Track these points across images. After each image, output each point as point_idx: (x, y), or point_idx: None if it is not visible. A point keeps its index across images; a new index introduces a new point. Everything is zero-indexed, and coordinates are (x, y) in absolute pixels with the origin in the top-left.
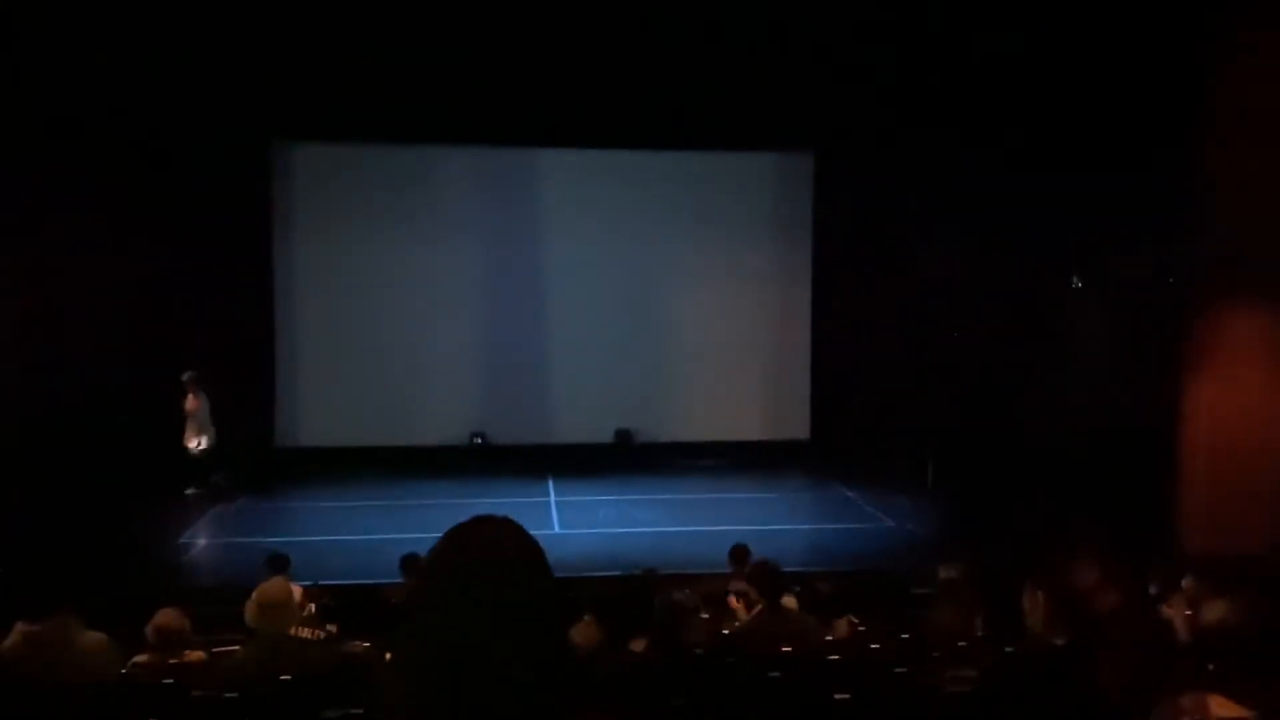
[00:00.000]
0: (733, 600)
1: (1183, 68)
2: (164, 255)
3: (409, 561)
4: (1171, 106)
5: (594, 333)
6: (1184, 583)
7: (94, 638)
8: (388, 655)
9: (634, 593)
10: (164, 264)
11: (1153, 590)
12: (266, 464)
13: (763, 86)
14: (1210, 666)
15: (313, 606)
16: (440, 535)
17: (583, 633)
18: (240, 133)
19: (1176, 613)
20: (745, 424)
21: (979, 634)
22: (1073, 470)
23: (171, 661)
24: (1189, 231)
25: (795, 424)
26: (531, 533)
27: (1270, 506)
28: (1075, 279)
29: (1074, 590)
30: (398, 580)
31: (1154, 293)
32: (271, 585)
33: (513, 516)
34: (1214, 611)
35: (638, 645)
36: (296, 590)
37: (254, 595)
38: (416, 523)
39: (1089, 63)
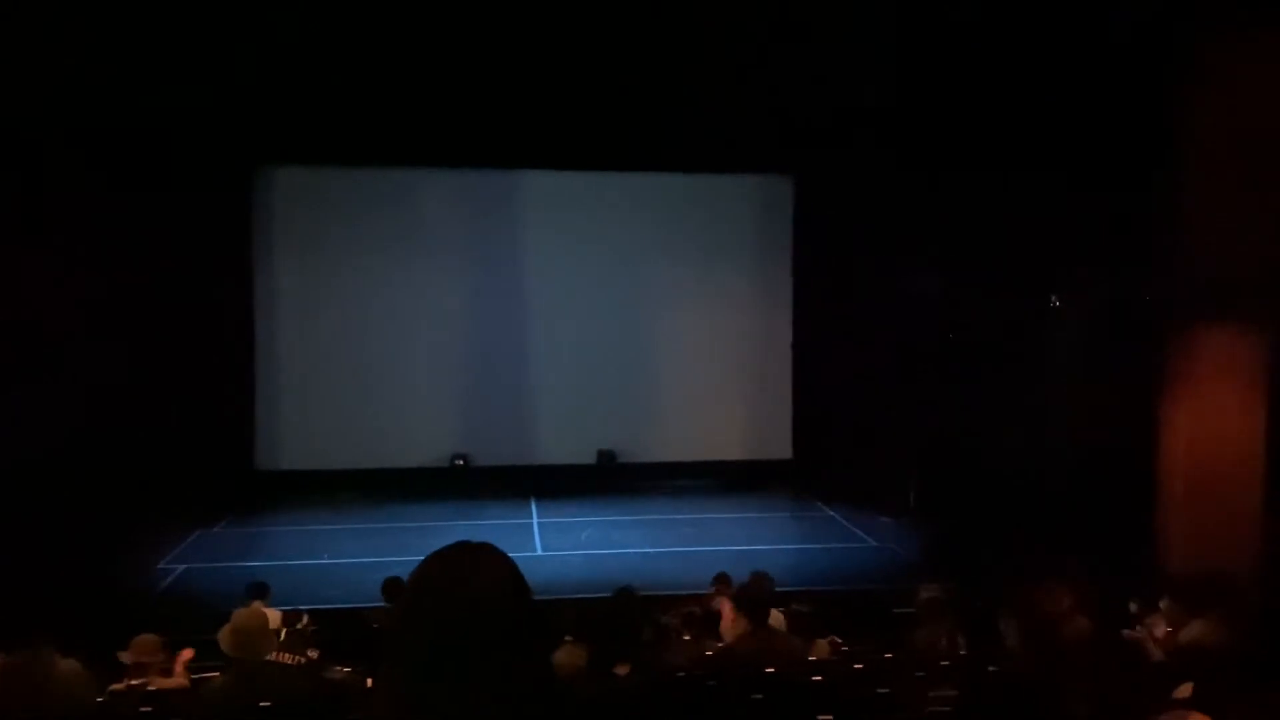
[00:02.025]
0: (727, 610)
1: (1158, 89)
2: (144, 277)
3: (391, 585)
4: (1147, 127)
5: (576, 354)
6: (1162, 603)
7: (70, 666)
8: (369, 681)
9: (617, 615)
10: (144, 286)
11: (1132, 608)
12: (247, 487)
13: (743, 109)
14: (1188, 687)
15: (284, 631)
16: (422, 559)
17: (566, 656)
18: (221, 156)
19: (1155, 632)
20: (727, 444)
21: (961, 653)
22: (1052, 490)
23: (150, 689)
24: (1165, 252)
25: (777, 444)
26: (513, 555)
27: (1247, 526)
28: (1053, 298)
29: (1045, 616)
30: (380, 604)
31: (1131, 313)
32: (247, 612)
33: (495, 539)
34: (1192, 631)
35: (621, 668)
36: (274, 615)
37: (230, 622)
38: (398, 546)
39: (1065, 84)
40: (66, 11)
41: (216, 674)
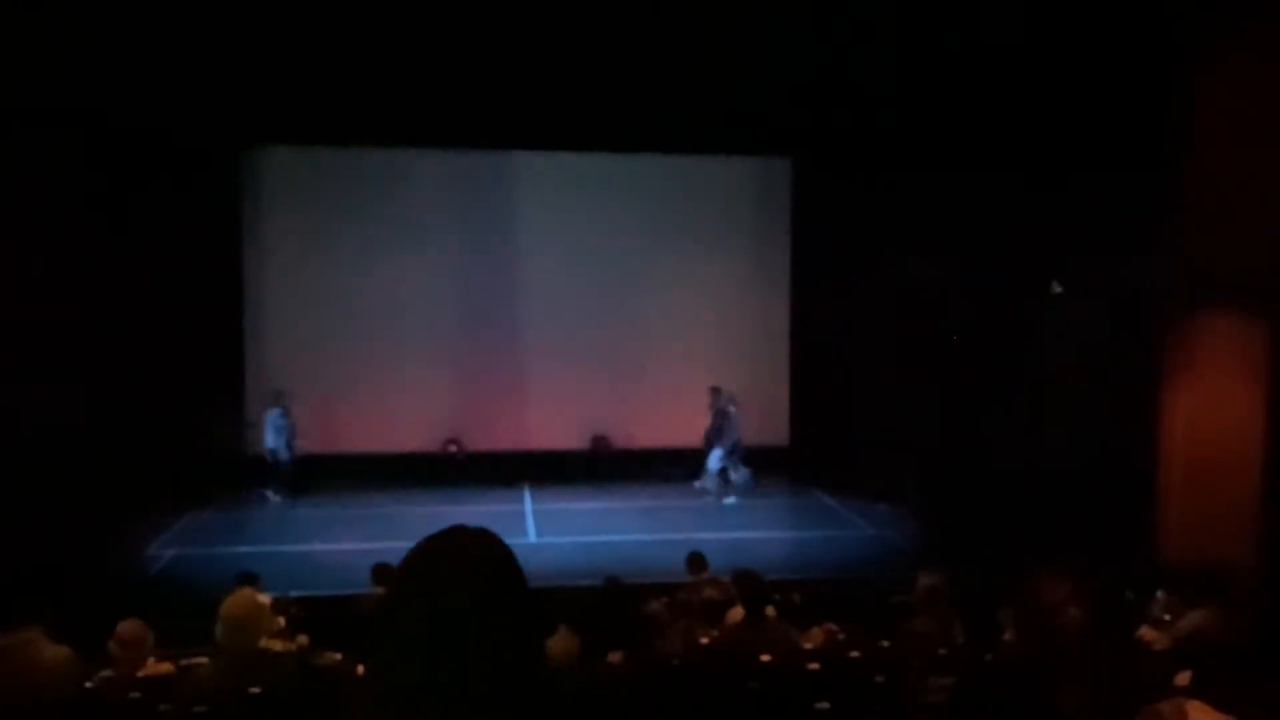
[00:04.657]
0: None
1: (1161, 75)
2: (132, 261)
3: (380, 570)
4: (1150, 114)
5: (570, 338)
6: (1160, 592)
7: (59, 652)
8: (360, 668)
9: (611, 603)
10: (132, 270)
11: (1129, 595)
12: (237, 472)
13: (741, 91)
14: (1187, 675)
15: (281, 620)
16: (413, 545)
17: (560, 644)
18: (208, 137)
19: (1153, 622)
20: None
21: (958, 642)
22: (1051, 479)
23: (139, 675)
24: (1167, 240)
25: (774, 430)
26: (507, 542)
27: (1247, 516)
28: (1054, 284)
29: (1044, 605)
30: (370, 590)
31: (1132, 302)
32: (239, 597)
33: (488, 525)
34: (1191, 620)
35: (615, 656)
36: (264, 601)
37: (221, 608)
38: (389, 531)
39: (1067, 69)
40: None
41: (205, 660)
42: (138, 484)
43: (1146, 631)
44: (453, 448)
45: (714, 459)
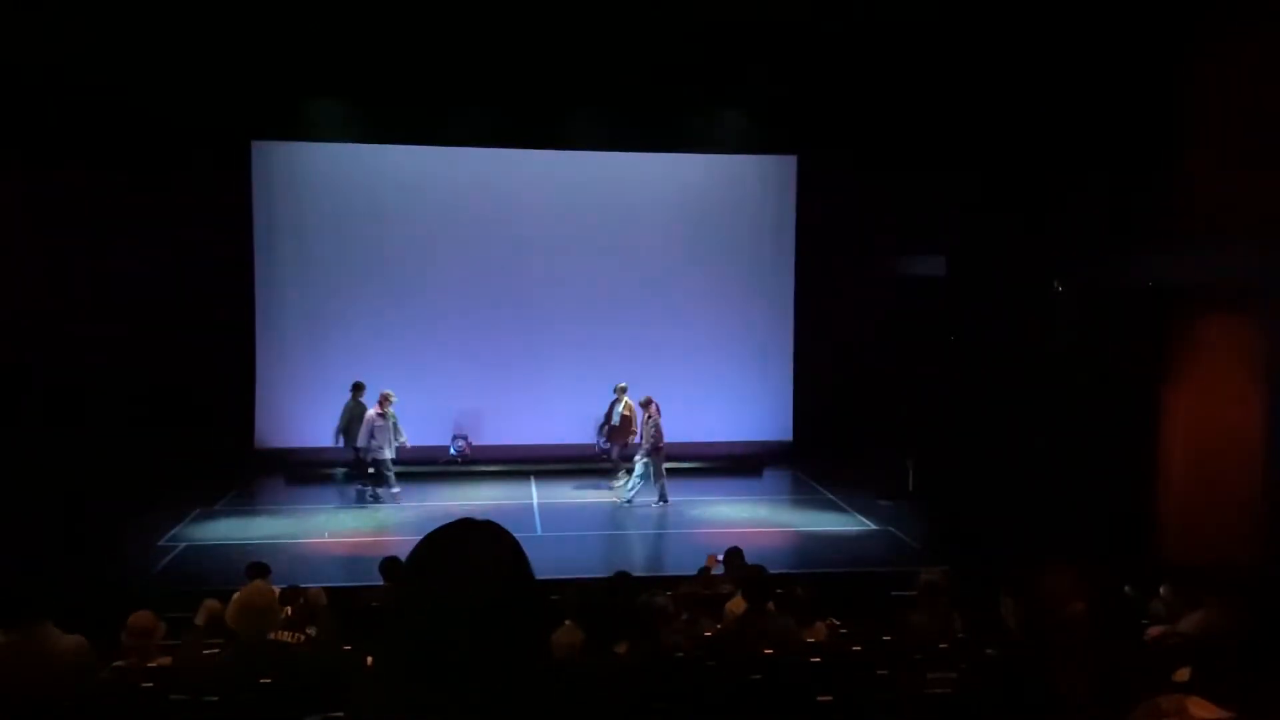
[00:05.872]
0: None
1: (1163, 77)
2: (145, 257)
3: (389, 565)
4: (1151, 116)
5: (577, 334)
6: (1161, 589)
7: (73, 641)
8: (369, 659)
9: (615, 596)
10: (145, 266)
11: (1128, 590)
12: (247, 466)
13: (746, 87)
14: (1186, 670)
15: (289, 609)
16: (421, 537)
17: (566, 636)
18: (220, 133)
19: (1153, 618)
20: (728, 426)
21: (959, 636)
22: (1052, 476)
23: (151, 665)
24: (1168, 240)
25: (778, 427)
26: (514, 535)
27: (1246, 513)
28: (1056, 284)
29: (1045, 599)
30: (378, 583)
31: (1133, 301)
32: (252, 589)
33: (494, 519)
34: (1192, 617)
35: (620, 648)
36: (274, 593)
37: (234, 599)
38: (396, 525)
39: (1070, 70)
40: None
41: (217, 650)
42: (149, 477)
43: (1149, 628)
44: (460, 441)
45: (639, 465)
